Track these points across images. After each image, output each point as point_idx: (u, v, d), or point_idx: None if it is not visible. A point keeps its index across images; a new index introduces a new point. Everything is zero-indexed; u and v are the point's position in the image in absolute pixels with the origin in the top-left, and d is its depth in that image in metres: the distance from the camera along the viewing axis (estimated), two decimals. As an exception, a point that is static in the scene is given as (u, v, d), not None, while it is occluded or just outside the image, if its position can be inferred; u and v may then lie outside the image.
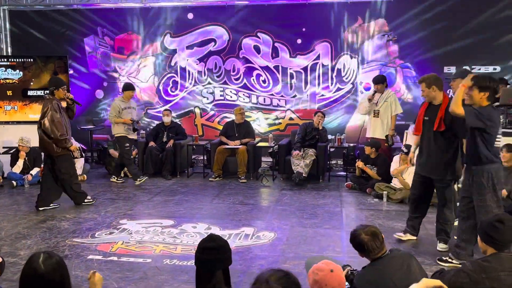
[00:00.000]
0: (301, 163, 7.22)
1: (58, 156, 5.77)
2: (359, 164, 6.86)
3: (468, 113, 3.70)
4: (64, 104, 5.90)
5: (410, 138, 5.99)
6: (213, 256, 2.24)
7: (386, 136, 6.92)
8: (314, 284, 2.18)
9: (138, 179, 7.37)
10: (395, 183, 6.42)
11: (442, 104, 4.26)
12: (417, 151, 4.63)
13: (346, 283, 2.69)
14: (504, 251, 2.61)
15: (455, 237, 4.26)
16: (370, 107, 6.97)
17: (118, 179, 7.55)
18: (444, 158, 4.29)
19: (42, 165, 6.78)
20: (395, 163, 6.48)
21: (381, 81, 6.94)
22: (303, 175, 7.09)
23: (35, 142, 7.37)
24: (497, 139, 3.80)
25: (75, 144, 6.14)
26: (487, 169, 3.76)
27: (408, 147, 5.77)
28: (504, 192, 5.24)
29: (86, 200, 6.08)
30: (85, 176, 7.65)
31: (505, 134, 5.92)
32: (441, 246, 4.44)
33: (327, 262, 2.26)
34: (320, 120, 7.53)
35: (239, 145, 7.68)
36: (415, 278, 2.65)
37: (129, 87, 7.47)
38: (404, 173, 6.20)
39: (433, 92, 4.32)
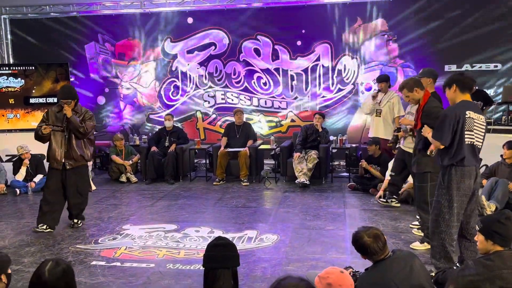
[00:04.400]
0: (303, 167, 7.20)
1: None
2: (363, 163, 6.83)
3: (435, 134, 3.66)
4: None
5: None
6: (221, 253, 2.26)
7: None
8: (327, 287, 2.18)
9: (391, 200, 5.88)
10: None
11: (421, 102, 4.24)
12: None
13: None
14: (507, 249, 2.61)
15: None
16: (373, 106, 6.95)
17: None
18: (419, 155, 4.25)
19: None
20: None
21: (385, 80, 6.89)
22: (306, 182, 7.09)
23: (34, 149, 7.41)
24: (469, 137, 3.49)
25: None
26: (447, 168, 3.59)
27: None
28: None
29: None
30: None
31: (508, 132, 5.93)
32: (415, 245, 4.48)
33: (332, 267, 2.29)
34: (319, 122, 7.53)
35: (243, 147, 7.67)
36: (418, 278, 2.65)
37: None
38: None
39: (417, 93, 4.28)
